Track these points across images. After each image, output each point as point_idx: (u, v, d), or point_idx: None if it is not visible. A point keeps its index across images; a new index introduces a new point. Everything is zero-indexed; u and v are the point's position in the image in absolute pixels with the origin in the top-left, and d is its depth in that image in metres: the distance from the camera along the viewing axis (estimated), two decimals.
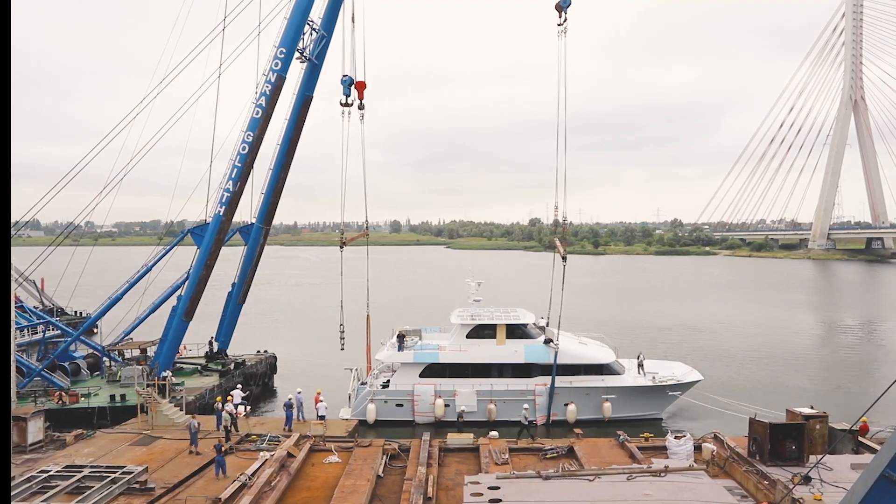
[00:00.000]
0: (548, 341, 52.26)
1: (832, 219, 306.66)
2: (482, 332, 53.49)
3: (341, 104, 58.61)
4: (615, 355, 54.62)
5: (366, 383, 54.07)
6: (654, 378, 52.45)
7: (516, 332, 53.34)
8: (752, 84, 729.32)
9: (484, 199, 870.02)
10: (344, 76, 58.66)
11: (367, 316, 58.63)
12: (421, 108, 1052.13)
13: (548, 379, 51.21)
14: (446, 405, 50.97)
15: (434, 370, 52.64)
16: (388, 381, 53.49)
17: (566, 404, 50.30)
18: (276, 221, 70.73)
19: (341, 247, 60.88)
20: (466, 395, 51.20)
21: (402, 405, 51.87)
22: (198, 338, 66.47)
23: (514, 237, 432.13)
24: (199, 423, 40.37)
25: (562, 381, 51.30)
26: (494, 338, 53.10)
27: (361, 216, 61.68)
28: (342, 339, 58.13)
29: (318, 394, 46.78)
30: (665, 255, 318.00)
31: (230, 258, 68.33)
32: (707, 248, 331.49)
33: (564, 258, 51.24)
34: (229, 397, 45.18)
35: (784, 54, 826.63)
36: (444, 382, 51.90)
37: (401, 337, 55.63)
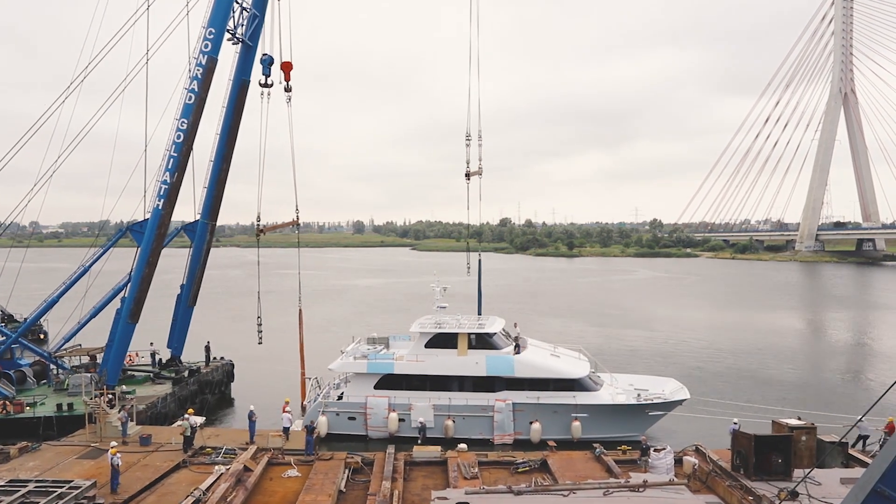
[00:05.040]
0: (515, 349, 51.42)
1: (821, 219, 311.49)
2: (443, 341, 52.12)
3: (260, 84, 58.35)
4: (591, 369, 53.08)
5: (319, 395, 53.48)
6: (638, 395, 51.32)
7: (480, 342, 51.94)
8: None
9: (452, 199, 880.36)
10: (264, 55, 58.30)
11: (300, 311, 57.13)
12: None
13: (510, 394, 50.07)
14: (401, 419, 49.99)
15: (390, 381, 51.54)
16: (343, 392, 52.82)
17: (531, 422, 48.86)
18: (232, 222, 70.75)
19: (257, 235, 60.07)
20: (422, 409, 50.05)
21: (354, 418, 50.93)
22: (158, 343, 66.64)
23: (483, 238, 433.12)
24: (127, 416, 40.57)
25: (528, 397, 49.99)
26: (456, 347, 51.84)
27: (320, 215, 61.56)
28: (259, 331, 58.20)
29: (286, 403, 46.60)
30: (644, 257, 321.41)
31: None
32: (688, 250, 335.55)
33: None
34: (190, 410, 45.15)
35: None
36: (400, 395, 50.93)
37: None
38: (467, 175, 57.14)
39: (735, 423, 41.70)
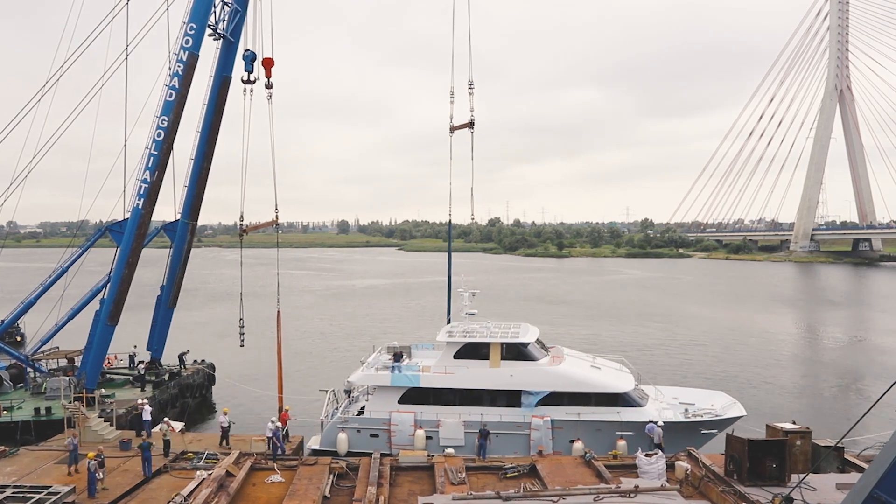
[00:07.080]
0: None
1: (816, 218, 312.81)
2: (473, 351, 48.74)
3: (243, 81, 57.59)
4: (636, 382, 49.46)
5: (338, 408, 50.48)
6: (685, 410, 47.47)
7: (514, 352, 48.38)
8: None
9: (438, 199, 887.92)
10: (246, 51, 57.94)
11: (278, 312, 54.34)
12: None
13: (549, 410, 46.49)
14: (428, 437, 46.25)
15: (415, 396, 48.00)
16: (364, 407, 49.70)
17: (572, 441, 44.51)
18: (214, 221, 70.48)
19: (240, 235, 59.02)
20: (451, 425, 46.50)
21: (377, 435, 47.27)
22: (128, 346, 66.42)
23: (471, 238, 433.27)
24: (78, 441, 40.21)
25: (568, 414, 46.34)
26: (487, 359, 48.47)
27: (305, 215, 61.22)
28: (241, 334, 57.00)
29: (287, 411, 46.14)
30: (635, 257, 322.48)
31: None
32: (680, 251, 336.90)
33: None
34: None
35: None
36: (427, 410, 47.41)
37: (397, 355, 52.03)
38: (471, 123, 59.69)
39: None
